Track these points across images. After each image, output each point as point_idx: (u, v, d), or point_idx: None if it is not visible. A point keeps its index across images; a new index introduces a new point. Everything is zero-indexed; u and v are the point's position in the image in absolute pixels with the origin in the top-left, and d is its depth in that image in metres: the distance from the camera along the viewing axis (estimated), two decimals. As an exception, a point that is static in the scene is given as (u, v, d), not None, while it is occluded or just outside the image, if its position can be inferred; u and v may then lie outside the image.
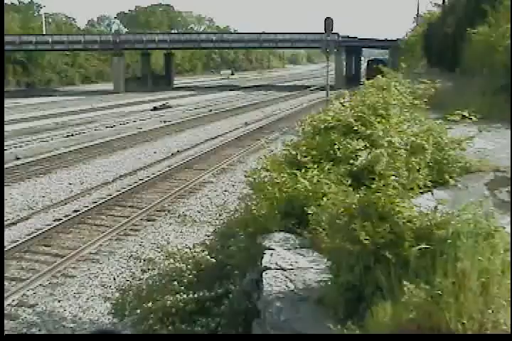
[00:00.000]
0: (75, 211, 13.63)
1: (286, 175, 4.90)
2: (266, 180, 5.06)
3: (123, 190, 15.50)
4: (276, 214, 4.65)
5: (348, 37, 60.19)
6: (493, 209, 3.27)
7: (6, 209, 13.66)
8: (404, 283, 2.76)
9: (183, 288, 5.00)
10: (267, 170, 5.19)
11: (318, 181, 4.64)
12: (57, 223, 12.58)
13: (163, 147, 23.26)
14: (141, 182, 16.52)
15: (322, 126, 5.55)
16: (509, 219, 3.78)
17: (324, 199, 3.85)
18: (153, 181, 16.80)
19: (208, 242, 6.16)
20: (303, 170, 4.89)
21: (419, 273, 2.86)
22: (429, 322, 2.66)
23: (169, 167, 18.76)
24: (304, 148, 5.37)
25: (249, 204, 5.09)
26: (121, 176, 17.74)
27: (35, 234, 11.79)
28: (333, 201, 3.48)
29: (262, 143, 20.35)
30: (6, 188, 15.76)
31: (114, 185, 16.67)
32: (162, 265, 5.65)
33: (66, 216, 13.21)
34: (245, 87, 65.72)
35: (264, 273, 3.88)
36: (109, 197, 14.77)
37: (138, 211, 13.66)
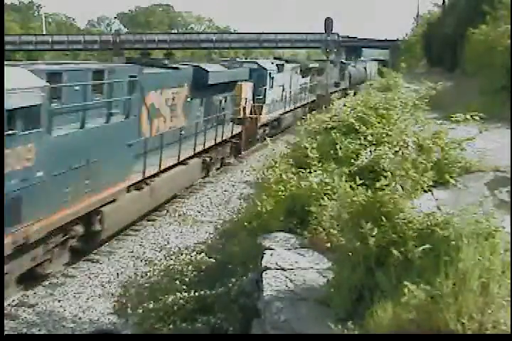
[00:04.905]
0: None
1: (290, 174, 4.91)
2: (270, 177, 5.07)
3: (123, 190, 15.44)
4: (279, 212, 4.66)
5: (348, 37, 60.06)
6: (493, 209, 3.27)
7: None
8: (405, 283, 2.76)
9: (184, 286, 4.99)
10: (272, 168, 5.20)
11: (320, 181, 4.64)
12: (57, 223, 12.54)
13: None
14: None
15: (323, 126, 5.56)
16: (509, 219, 3.78)
17: (325, 198, 3.85)
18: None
19: (209, 241, 6.15)
20: (307, 170, 4.90)
21: (421, 274, 2.86)
22: (429, 322, 2.66)
23: (169, 167, 18.71)
24: (305, 148, 5.37)
25: (252, 202, 5.10)
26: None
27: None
28: (339, 199, 3.46)
29: (263, 142, 20.34)
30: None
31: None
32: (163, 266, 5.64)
33: (66, 216, 13.17)
34: (245, 87, 65.50)
35: (264, 273, 3.88)
36: (109, 197, 14.72)
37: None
